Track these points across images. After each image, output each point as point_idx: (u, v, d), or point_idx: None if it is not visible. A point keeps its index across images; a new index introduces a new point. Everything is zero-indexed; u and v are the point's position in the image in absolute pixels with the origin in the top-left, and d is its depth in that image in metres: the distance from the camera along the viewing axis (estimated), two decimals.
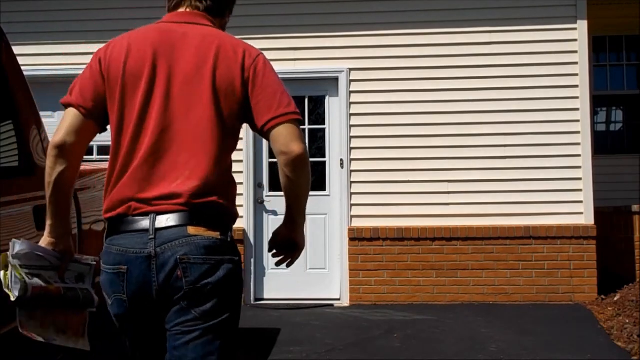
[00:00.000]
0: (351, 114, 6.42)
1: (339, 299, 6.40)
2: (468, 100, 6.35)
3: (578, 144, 6.26)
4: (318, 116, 6.60)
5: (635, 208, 6.78)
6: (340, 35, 6.45)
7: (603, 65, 7.91)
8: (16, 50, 2.87)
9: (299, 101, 6.59)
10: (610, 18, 7.30)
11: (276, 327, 5.38)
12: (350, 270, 6.32)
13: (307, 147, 1.93)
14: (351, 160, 6.39)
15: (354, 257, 6.32)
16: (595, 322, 5.43)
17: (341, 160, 6.40)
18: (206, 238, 1.79)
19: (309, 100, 6.58)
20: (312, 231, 6.36)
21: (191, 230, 1.78)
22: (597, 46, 7.82)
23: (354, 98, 6.43)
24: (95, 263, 2.05)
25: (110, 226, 1.86)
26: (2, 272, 1.96)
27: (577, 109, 6.28)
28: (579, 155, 6.25)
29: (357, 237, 6.31)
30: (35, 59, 6.47)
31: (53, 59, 6.61)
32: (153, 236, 1.78)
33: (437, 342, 4.93)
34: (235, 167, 2.05)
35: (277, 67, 6.60)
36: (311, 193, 2.06)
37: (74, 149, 1.89)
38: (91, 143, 1.77)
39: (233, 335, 1.87)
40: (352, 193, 6.38)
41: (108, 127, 1.95)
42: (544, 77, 6.32)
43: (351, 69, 6.43)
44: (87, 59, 1.72)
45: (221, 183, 1.85)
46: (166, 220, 1.78)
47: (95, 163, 3.99)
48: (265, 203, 6.33)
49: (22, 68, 2.87)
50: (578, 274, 6.20)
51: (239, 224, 6.39)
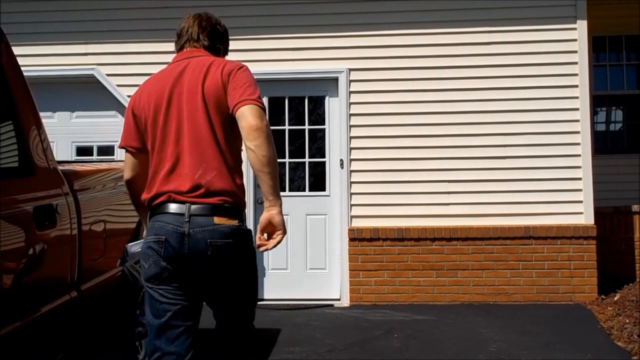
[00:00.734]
0: (351, 114, 6.42)
1: (339, 299, 6.40)
2: (468, 100, 6.35)
3: (578, 144, 6.26)
4: (318, 116, 6.60)
5: (635, 208, 6.78)
6: (340, 35, 6.45)
7: (603, 65, 7.91)
8: (16, 50, 2.87)
9: (299, 101, 6.60)
10: (610, 18, 7.30)
11: (276, 327, 5.38)
12: (350, 270, 6.33)
13: (269, 124, 2.35)
14: (351, 160, 6.39)
15: (354, 257, 6.32)
16: (595, 322, 5.44)
17: (341, 160, 6.40)
18: (227, 226, 2.38)
19: (309, 100, 6.58)
20: (312, 231, 6.37)
21: (217, 220, 2.36)
22: (597, 46, 7.81)
23: (354, 98, 6.43)
24: None
25: (152, 210, 2.45)
26: (124, 268, 2.84)
27: (577, 109, 6.28)
28: (579, 155, 6.25)
29: (357, 237, 6.32)
30: (35, 59, 6.47)
31: (53, 59, 6.60)
32: (188, 220, 2.35)
33: (437, 342, 4.93)
34: None
35: (277, 67, 6.60)
36: (311, 193, 2.58)
37: (137, 179, 2.58)
38: (91, 143, 2.05)
39: (253, 294, 2.55)
40: (352, 193, 6.38)
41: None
42: (544, 77, 6.32)
43: (351, 69, 6.43)
44: (87, 59, 1.77)
45: (228, 174, 2.40)
46: (198, 209, 2.36)
47: (95, 164, 3.99)
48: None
49: (22, 68, 2.87)
50: (578, 274, 6.20)
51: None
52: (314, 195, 6.43)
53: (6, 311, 2.43)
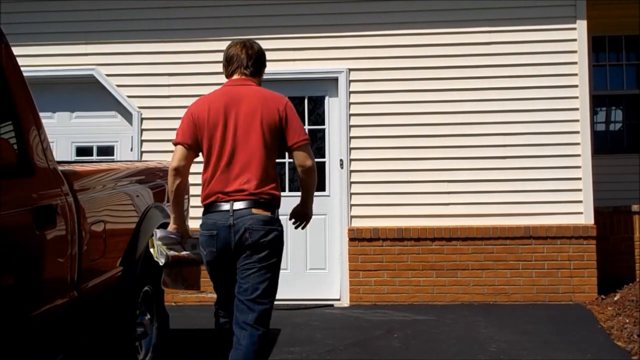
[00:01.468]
0: (351, 114, 6.42)
1: (339, 299, 6.40)
2: (468, 100, 6.35)
3: (578, 144, 6.26)
4: (318, 116, 6.59)
5: (635, 208, 6.79)
6: (339, 35, 6.45)
7: (602, 65, 7.90)
8: (16, 50, 2.87)
9: (299, 101, 6.59)
10: (609, 18, 7.30)
11: (276, 328, 5.38)
12: (350, 270, 6.33)
13: (314, 161, 3.21)
14: (351, 160, 6.39)
15: (354, 258, 6.32)
16: (595, 322, 5.44)
17: (341, 160, 6.40)
18: (262, 216, 3.05)
19: (309, 100, 6.58)
20: (312, 231, 6.36)
21: (254, 211, 3.05)
22: (597, 46, 7.81)
23: (354, 98, 6.43)
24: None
25: (206, 208, 3.14)
26: (152, 250, 3.28)
27: (577, 109, 6.28)
28: (579, 155, 6.25)
29: (357, 238, 6.31)
30: (35, 60, 6.47)
31: (53, 60, 6.61)
32: (232, 214, 3.04)
33: (437, 342, 4.93)
34: None
35: (277, 68, 6.63)
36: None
37: (184, 170, 3.17)
38: (91, 144, 2.20)
39: (277, 274, 3.12)
40: (352, 193, 6.38)
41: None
42: (544, 77, 6.32)
43: (351, 69, 6.43)
44: (87, 60, 1.79)
45: (268, 182, 3.11)
46: (239, 204, 3.05)
47: (94, 164, 3.99)
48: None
49: (22, 68, 2.87)
50: (578, 274, 6.20)
51: None
52: (314, 195, 6.41)
53: (6, 311, 2.43)
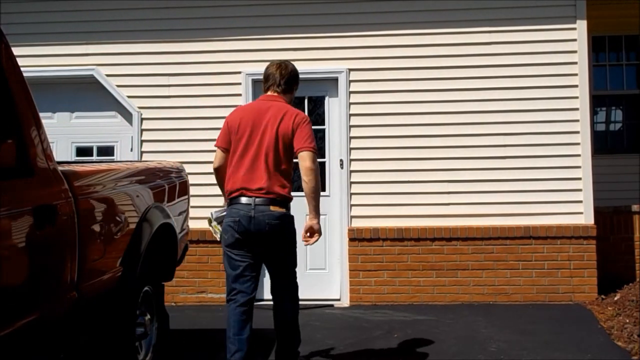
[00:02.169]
0: (351, 115, 6.42)
1: (339, 299, 6.40)
2: (468, 100, 6.35)
3: (578, 144, 6.26)
4: (318, 116, 6.59)
5: (635, 208, 6.79)
6: (339, 35, 6.46)
7: (602, 65, 7.91)
8: (16, 51, 2.87)
9: (299, 101, 6.58)
10: (609, 18, 7.30)
11: None
12: (350, 270, 6.33)
13: (318, 166, 3.77)
14: (351, 160, 6.39)
15: (354, 258, 6.32)
16: (595, 322, 5.44)
17: (341, 160, 6.40)
18: (278, 212, 3.72)
19: (309, 100, 6.58)
20: None
21: (272, 208, 3.71)
22: (597, 46, 7.81)
23: (354, 98, 6.43)
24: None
25: (231, 200, 3.79)
26: (210, 227, 4.00)
27: (577, 109, 6.28)
28: (579, 155, 6.25)
29: (357, 238, 6.32)
30: (35, 60, 6.47)
31: (53, 60, 6.61)
32: (253, 208, 3.69)
33: (437, 342, 4.93)
34: None
35: None
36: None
37: (222, 168, 3.93)
38: (91, 144, 2.31)
39: (295, 253, 3.91)
40: (352, 193, 6.38)
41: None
42: (544, 77, 6.32)
43: (351, 69, 6.43)
44: (87, 60, 1.79)
45: (282, 184, 3.76)
46: (259, 201, 3.70)
47: (94, 164, 3.99)
48: None
49: (22, 69, 2.86)
50: (578, 274, 6.20)
51: None
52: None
53: (6, 311, 2.43)
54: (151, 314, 3.90)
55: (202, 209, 6.25)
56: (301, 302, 5.91)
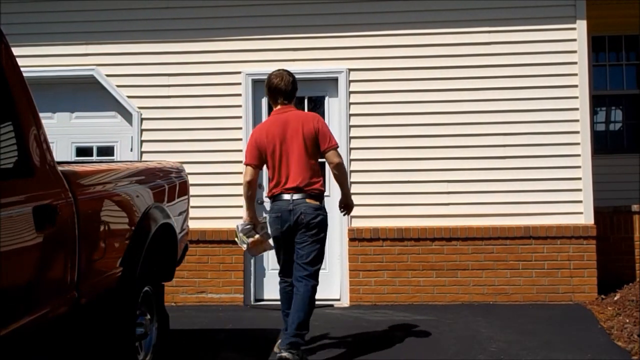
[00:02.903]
0: (351, 115, 6.42)
1: (339, 299, 6.40)
2: (468, 100, 6.36)
3: (577, 144, 6.26)
4: None
5: (635, 208, 6.79)
6: (339, 35, 6.46)
7: (602, 64, 7.91)
8: (16, 51, 2.87)
9: (299, 101, 6.58)
10: (609, 18, 7.31)
11: (276, 328, 5.38)
12: (350, 270, 6.33)
13: (342, 159, 4.51)
14: (351, 160, 6.39)
15: (354, 258, 6.32)
16: (595, 322, 5.44)
17: None
18: (313, 204, 4.37)
19: (309, 100, 6.58)
20: None
21: (307, 200, 4.36)
22: (597, 46, 7.82)
23: (354, 98, 6.43)
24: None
25: (273, 198, 4.44)
26: (236, 239, 4.62)
27: (577, 109, 6.28)
28: (579, 155, 6.25)
29: (357, 238, 6.32)
30: (35, 60, 6.47)
31: (53, 60, 6.61)
32: (292, 202, 4.35)
33: (437, 342, 4.93)
34: (235, 169, 3.81)
35: (277, 68, 6.59)
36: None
37: (253, 182, 4.47)
38: (91, 144, 2.38)
39: (323, 245, 4.48)
40: (352, 193, 6.35)
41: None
42: (544, 77, 6.32)
43: (350, 69, 6.43)
44: (87, 60, 1.79)
45: (315, 180, 4.41)
46: (297, 196, 4.35)
47: (94, 164, 3.99)
48: (265, 204, 6.32)
49: (22, 69, 2.86)
50: (578, 274, 6.20)
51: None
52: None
53: (6, 311, 2.43)
54: (151, 314, 3.90)
55: (202, 209, 6.27)
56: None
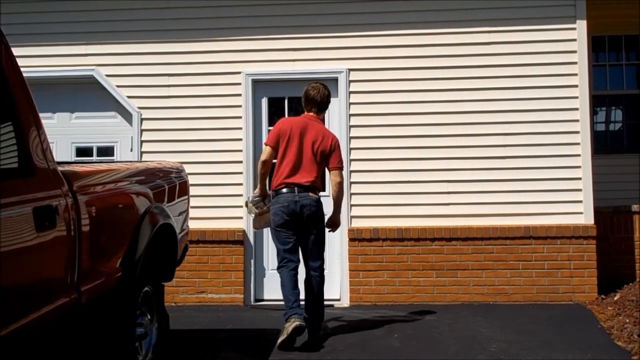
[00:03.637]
0: (351, 115, 6.42)
1: (339, 300, 6.40)
2: (468, 100, 6.36)
3: (577, 144, 6.26)
4: None
5: (635, 208, 6.79)
6: (339, 35, 6.46)
7: (602, 64, 7.91)
8: (16, 51, 2.87)
9: (299, 101, 6.57)
10: (609, 18, 7.31)
11: (276, 328, 5.38)
12: (350, 270, 6.33)
13: (343, 179, 5.10)
14: (351, 160, 6.39)
15: (354, 258, 6.33)
16: (595, 322, 5.44)
17: None
18: (314, 197, 4.93)
19: None
20: None
21: (310, 194, 4.90)
22: (597, 46, 7.82)
23: (354, 98, 6.43)
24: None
25: (277, 191, 4.93)
26: (246, 209, 5.38)
27: (577, 109, 6.28)
28: (579, 155, 6.25)
29: (357, 238, 6.32)
30: (35, 60, 6.47)
31: (53, 60, 6.61)
32: (297, 194, 4.87)
33: (437, 342, 4.93)
34: (235, 169, 4.02)
35: (277, 68, 6.68)
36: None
37: (268, 162, 4.99)
38: (91, 144, 3.15)
39: (324, 236, 5.06)
40: (352, 193, 6.38)
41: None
42: (544, 77, 6.32)
43: (350, 70, 6.43)
44: (87, 60, 1.80)
45: (317, 180, 4.97)
46: (302, 189, 4.89)
47: (94, 164, 3.99)
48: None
49: (22, 69, 2.86)
50: (578, 274, 6.20)
51: (239, 225, 6.40)
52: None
53: (6, 312, 2.44)
54: (151, 315, 3.90)
55: (202, 209, 6.27)
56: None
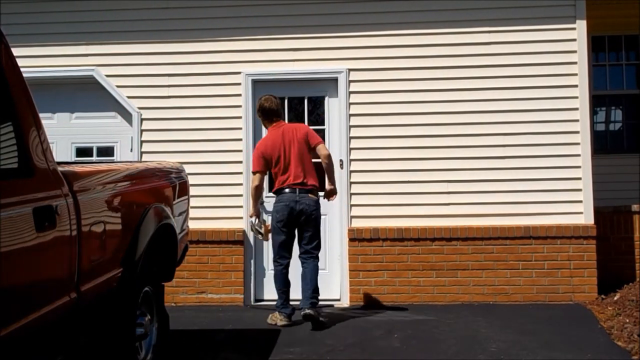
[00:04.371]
0: (351, 115, 6.42)
1: (339, 300, 6.40)
2: (468, 100, 6.36)
3: (577, 144, 6.26)
4: (317, 117, 6.60)
5: (635, 208, 6.78)
6: (339, 35, 6.46)
7: (602, 64, 7.91)
8: (16, 51, 2.87)
9: (299, 101, 6.60)
10: (609, 18, 7.31)
11: (276, 328, 5.39)
12: (350, 270, 6.33)
13: (329, 150, 5.64)
14: (351, 160, 6.39)
15: (354, 258, 6.33)
16: (595, 322, 5.44)
17: (341, 160, 6.40)
18: (314, 198, 5.48)
19: (309, 100, 6.58)
20: None
21: (309, 195, 5.46)
22: (596, 46, 7.82)
23: (354, 98, 6.43)
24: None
25: (279, 192, 5.48)
26: (252, 232, 5.85)
27: (577, 109, 6.28)
28: (579, 155, 6.26)
29: (357, 238, 6.32)
30: (35, 60, 6.48)
31: (53, 60, 6.61)
32: (297, 194, 5.42)
33: (437, 342, 4.93)
34: (235, 169, 3.95)
35: (277, 68, 6.72)
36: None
37: (260, 186, 5.58)
38: (91, 144, 2.85)
39: (320, 230, 5.59)
40: (352, 193, 6.38)
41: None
42: (544, 77, 6.32)
43: (350, 70, 6.43)
44: (87, 60, 1.80)
45: (314, 180, 5.51)
46: (301, 190, 5.44)
47: (94, 164, 3.99)
48: (264, 204, 6.32)
49: (22, 69, 2.86)
50: (578, 274, 6.20)
51: (240, 225, 6.40)
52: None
53: (6, 312, 2.44)
54: (151, 315, 3.90)
55: (202, 209, 6.27)
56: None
